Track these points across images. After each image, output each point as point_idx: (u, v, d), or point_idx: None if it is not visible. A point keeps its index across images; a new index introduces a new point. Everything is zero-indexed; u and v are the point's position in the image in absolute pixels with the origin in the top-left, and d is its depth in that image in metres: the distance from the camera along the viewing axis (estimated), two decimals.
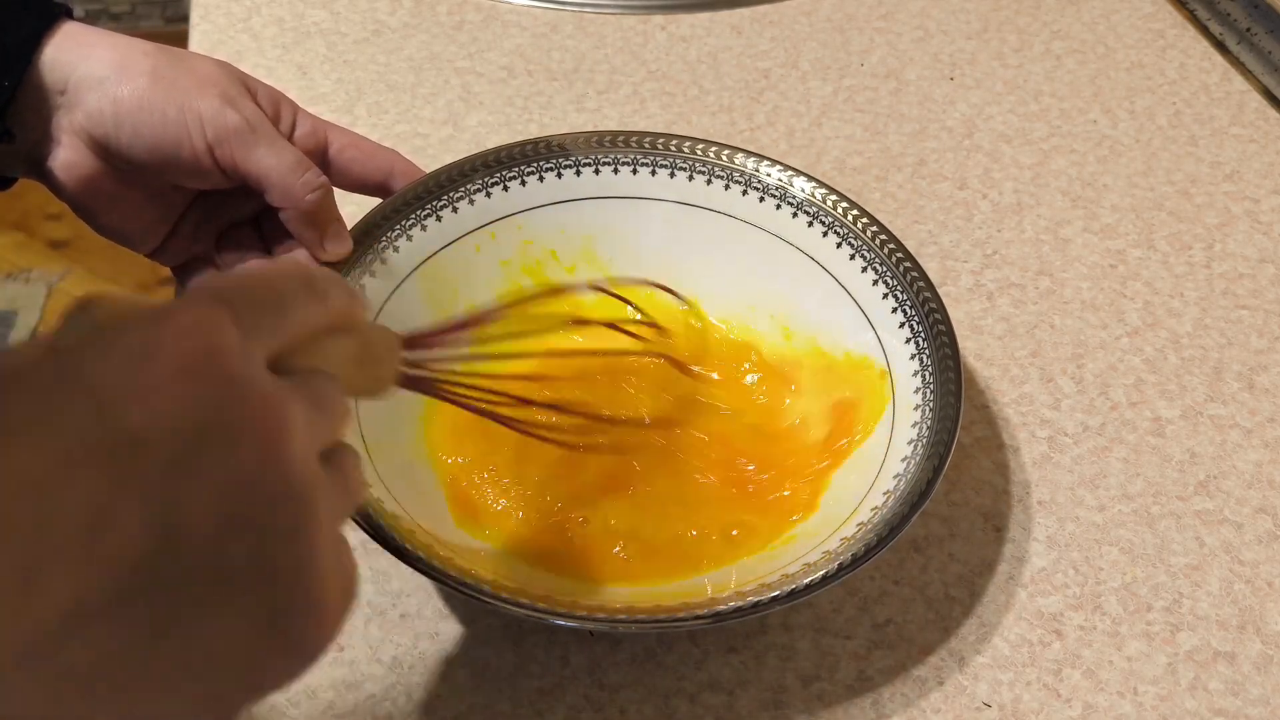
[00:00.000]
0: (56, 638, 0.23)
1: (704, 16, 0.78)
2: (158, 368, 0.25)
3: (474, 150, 0.54)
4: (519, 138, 0.55)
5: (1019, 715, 0.44)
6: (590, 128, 0.68)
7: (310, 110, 0.51)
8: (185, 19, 0.76)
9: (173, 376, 0.25)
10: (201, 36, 0.72)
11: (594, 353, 0.51)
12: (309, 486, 0.27)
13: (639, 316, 0.51)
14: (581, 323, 0.52)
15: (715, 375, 0.53)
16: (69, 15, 0.47)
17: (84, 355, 0.24)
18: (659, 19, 0.78)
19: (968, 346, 0.58)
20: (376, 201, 0.52)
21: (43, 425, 0.23)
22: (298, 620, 0.27)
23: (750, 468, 0.50)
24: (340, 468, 0.31)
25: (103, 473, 0.23)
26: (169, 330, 0.25)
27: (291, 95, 0.51)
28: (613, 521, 0.47)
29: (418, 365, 0.38)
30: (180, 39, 0.69)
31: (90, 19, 1.99)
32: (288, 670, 0.27)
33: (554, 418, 0.47)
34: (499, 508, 0.48)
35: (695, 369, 0.53)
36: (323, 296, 0.31)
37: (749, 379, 0.53)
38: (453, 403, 0.40)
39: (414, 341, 0.38)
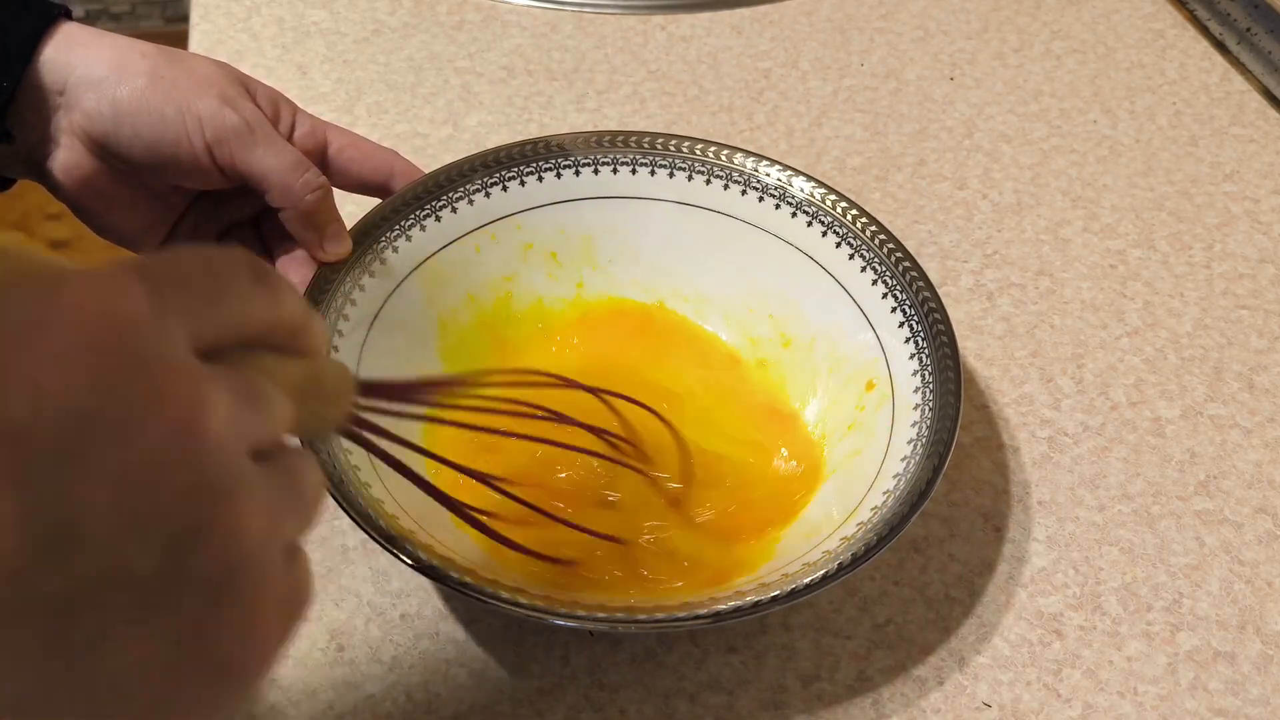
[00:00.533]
0: None
1: (704, 16, 0.78)
2: (47, 341, 0.21)
3: (474, 150, 0.54)
4: (519, 138, 0.55)
5: (1019, 715, 0.44)
6: (590, 128, 0.68)
7: (310, 110, 0.51)
8: (185, 19, 0.76)
9: (64, 352, 0.21)
10: (201, 36, 0.72)
11: (563, 445, 0.46)
12: (230, 477, 0.23)
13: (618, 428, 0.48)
14: (559, 417, 0.46)
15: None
16: (68, 16, 0.47)
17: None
18: (659, 19, 0.78)
19: (968, 346, 0.58)
20: (376, 201, 0.52)
21: None
22: (222, 638, 0.23)
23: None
24: (288, 470, 0.26)
25: None
26: (66, 297, 0.22)
27: (291, 95, 0.51)
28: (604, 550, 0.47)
29: (369, 414, 0.34)
30: (180, 39, 0.69)
31: (90, 19, 1.98)
32: (215, 700, 0.24)
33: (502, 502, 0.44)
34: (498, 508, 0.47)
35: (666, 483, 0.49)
36: (272, 294, 0.27)
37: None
38: (387, 462, 0.37)
39: (372, 390, 0.34)
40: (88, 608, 0.21)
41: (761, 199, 0.54)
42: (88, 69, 0.45)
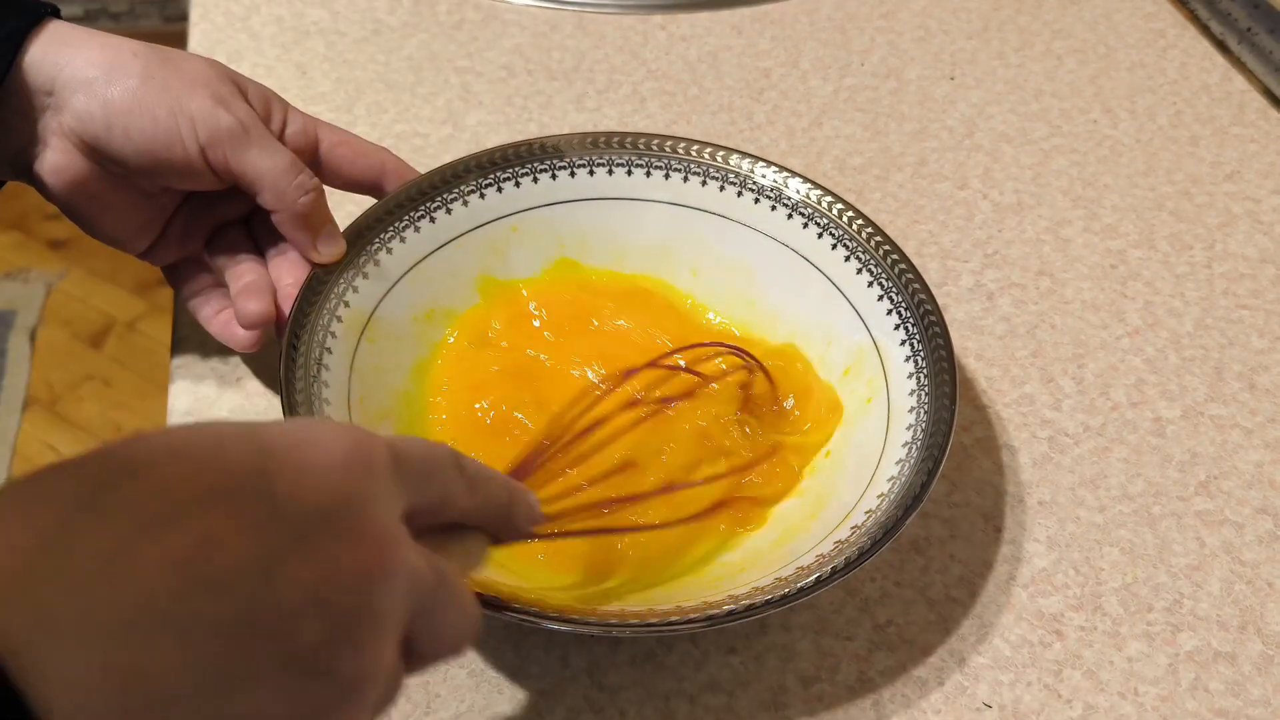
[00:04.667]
0: (126, 629, 0.23)
1: (704, 16, 0.78)
2: (318, 450, 0.27)
3: (474, 150, 0.54)
4: (519, 137, 0.55)
5: (1019, 716, 0.44)
6: (590, 127, 0.68)
7: (310, 110, 0.51)
8: (184, 18, 0.76)
9: (326, 462, 0.27)
10: (201, 36, 0.72)
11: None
12: (391, 614, 0.28)
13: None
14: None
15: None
16: (56, 15, 0.47)
17: (263, 425, 0.28)
18: (659, 19, 0.78)
19: (968, 346, 0.58)
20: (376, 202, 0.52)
21: (209, 454, 0.26)
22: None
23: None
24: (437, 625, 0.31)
25: (232, 513, 0.25)
26: (331, 427, 0.29)
27: (291, 95, 0.51)
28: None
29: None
30: (179, 38, 0.69)
31: (89, 18, 1.99)
32: None
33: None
34: None
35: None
36: (470, 484, 0.34)
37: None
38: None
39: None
40: (256, 648, 0.25)
41: (757, 200, 0.54)
42: (76, 69, 0.45)
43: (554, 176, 0.54)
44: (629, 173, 0.54)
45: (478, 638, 0.34)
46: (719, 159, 0.54)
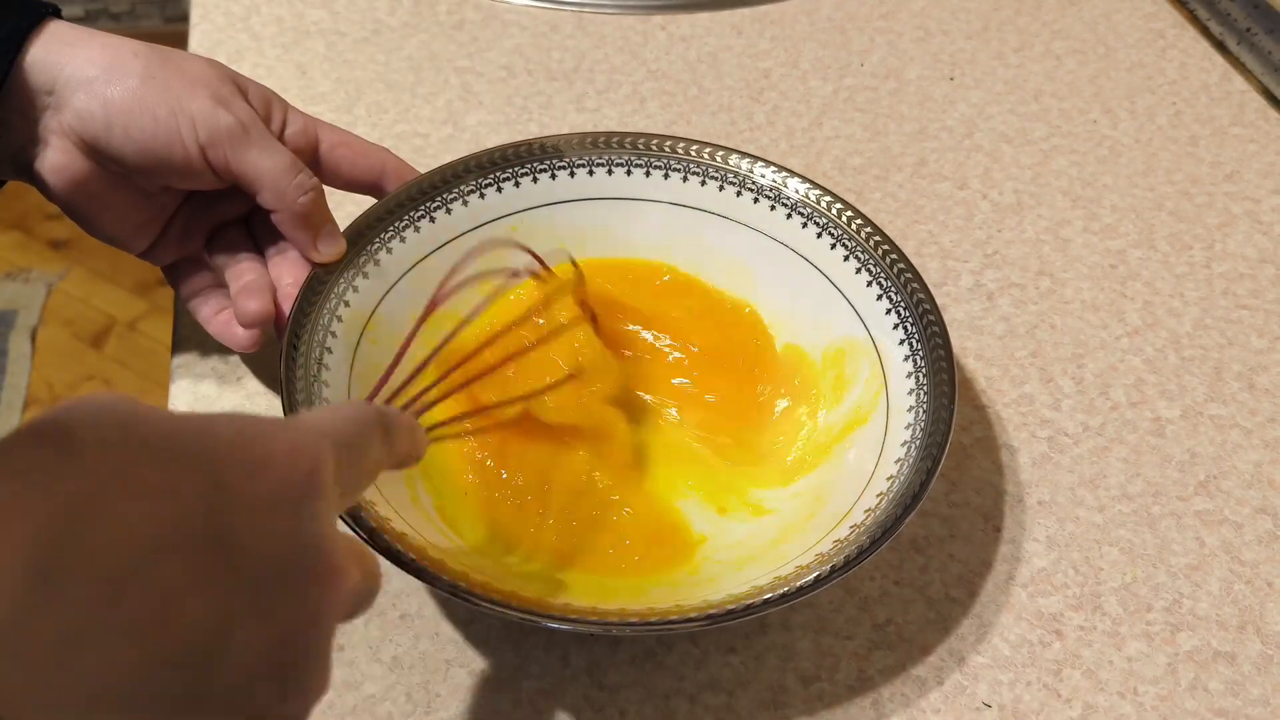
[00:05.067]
0: (86, 709, 0.23)
1: (704, 16, 0.78)
2: (271, 479, 0.27)
3: (474, 150, 0.54)
4: (519, 137, 0.55)
5: (1019, 715, 0.44)
6: (590, 127, 0.68)
7: (310, 110, 0.51)
8: (185, 18, 0.76)
9: (281, 495, 0.27)
10: (201, 36, 0.72)
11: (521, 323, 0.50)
12: (332, 637, 0.29)
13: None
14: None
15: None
16: (56, 14, 0.47)
17: (211, 436, 0.26)
18: (659, 19, 0.78)
19: (968, 346, 0.58)
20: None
21: (158, 493, 0.24)
22: None
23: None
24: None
25: (191, 564, 0.24)
26: (281, 442, 0.28)
27: (291, 95, 0.51)
28: (610, 515, 0.47)
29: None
30: (180, 38, 0.69)
31: (90, 18, 1.99)
32: None
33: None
34: (493, 507, 0.47)
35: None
36: (390, 443, 0.35)
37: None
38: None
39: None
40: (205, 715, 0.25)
41: (756, 200, 0.54)
42: (77, 69, 0.45)
43: (554, 176, 0.54)
44: (629, 173, 0.54)
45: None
46: (719, 159, 0.54)
